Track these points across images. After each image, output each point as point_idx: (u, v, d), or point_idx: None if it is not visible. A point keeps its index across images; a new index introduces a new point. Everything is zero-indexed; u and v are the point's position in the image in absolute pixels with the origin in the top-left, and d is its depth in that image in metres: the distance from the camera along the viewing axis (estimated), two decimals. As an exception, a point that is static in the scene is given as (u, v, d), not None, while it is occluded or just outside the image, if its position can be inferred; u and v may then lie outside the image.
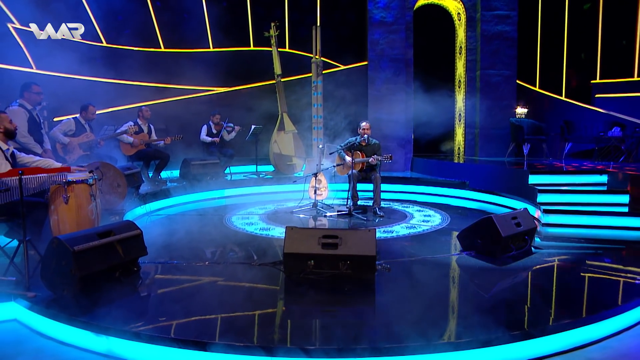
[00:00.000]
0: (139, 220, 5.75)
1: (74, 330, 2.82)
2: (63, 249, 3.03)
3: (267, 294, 3.36)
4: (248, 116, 9.24)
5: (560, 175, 6.31)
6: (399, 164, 9.34)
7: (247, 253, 4.41)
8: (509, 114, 8.97)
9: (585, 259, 4.18)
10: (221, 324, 2.81)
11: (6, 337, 3.00)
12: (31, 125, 4.81)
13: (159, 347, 2.58)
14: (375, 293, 3.34)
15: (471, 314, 2.95)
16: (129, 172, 5.55)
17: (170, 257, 4.15)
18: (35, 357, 2.77)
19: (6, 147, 3.83)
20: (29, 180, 3.38)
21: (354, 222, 5.76)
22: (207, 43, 9.78)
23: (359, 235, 3.47)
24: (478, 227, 4.15)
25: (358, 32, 9.34)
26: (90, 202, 3.84)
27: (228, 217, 6.04)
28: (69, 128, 5.84)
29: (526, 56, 9.78)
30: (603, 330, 2.86)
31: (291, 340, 2.51)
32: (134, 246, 3.51)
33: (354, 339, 2.53)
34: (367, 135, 6.31)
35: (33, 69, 7.72)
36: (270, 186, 8.11)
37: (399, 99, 9.16)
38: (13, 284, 3.35)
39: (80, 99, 7.31)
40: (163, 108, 9.18)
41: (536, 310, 2.96)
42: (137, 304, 3.14)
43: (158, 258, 4.06)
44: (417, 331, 2.63)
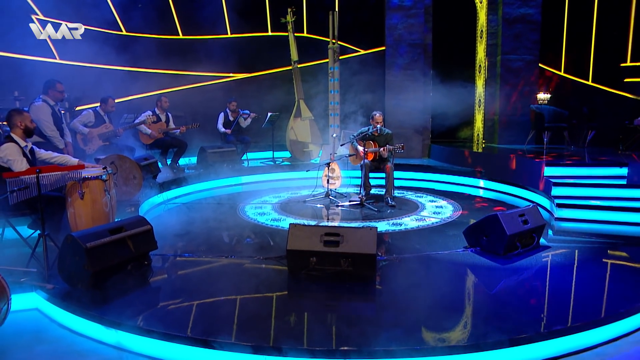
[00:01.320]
0: (155, 209, 5.96)
1: (87, 322, 3.01)
2: (77, 245, 3.20)
3: (270, 289, 3.47)
4: (265, 102, 9.31)
5: (577, 168, 6.15)
6: (416, 151, 9.28)
7: (256, 246, 4.53)
8: (530, 101, 8.73)
9: (594, 258, 4.13)
10: (222, 320, 2.93)
11: (27, 325, 3.22)
12: (54, 120, 5.02)
13: (163, 342, 2.73)
14: (374, 292, 3.42)
15: (465, 315, 2.99)
16: (145, 162, 5.73)
17: (180, 249, 4.32)
18: (53, 346, 2.97)
19: (24, 144, 4.02)
20: (46, 178, 3.57)
21: (366, 213, 5.81)
22: (224, 29, 9.82)
23: (360, 233, 3.52)
24: (483, 224, 4.14)
25: (377, 17, 9.19)
26: (105, 196, 4.01)
27: (241, 207, 6.17)
28: (88, 119, 6.05)
29: (550, 39, 9.43)
30: (595, 338, 2.86)
31: (278, 341, 2.61)
32: (145, 241, 3.67)
33: (345, 341, 2.62)
34: (379, 126, 6.31)
35: (56, 59, 7.95)
36: (286, 173, 8.21)
37: (416, 85, 9.03)
38: (34, 275, 3.57)
39: (100, 87, 7.54)
40: (181, 95, 9.33)
41: (526, 314, 2.96)
42: (143, 300, 3.29)
43: (168, 250, 4.23)
44: (409, 334, 2.70)
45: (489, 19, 8.93)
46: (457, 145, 9.33)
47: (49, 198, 3.92)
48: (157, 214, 5.82)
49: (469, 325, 2.87)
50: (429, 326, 2.81)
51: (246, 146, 8.56)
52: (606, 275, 3.68)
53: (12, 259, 3.83)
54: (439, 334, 2.70)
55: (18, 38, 7.52)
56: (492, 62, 9.00)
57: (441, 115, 9.38)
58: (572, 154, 7.62)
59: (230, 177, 7.68)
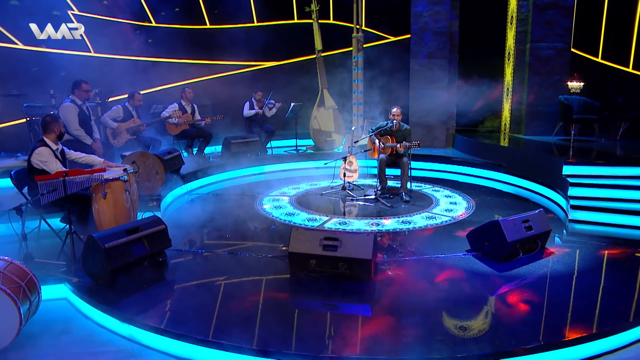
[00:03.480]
0: (178, 200, 6.32)
1: (105, 316, 3.36)
2: (97, 245, 3.54)
3: (272, 289, 3.71)
4: (290, 91, 9.46)
5: (598, 167, 5.96)
6: (440, 140, 9.22)
7: (266, 241, 4.78)
8: (560, 90, 8.43)
9: (597, 267, 4.10)
10: (222, 320, 3.20)
11: (57, 314, 3.62)
12: (81, 119, 5.39)
13: (168, 339, 3.05)
14: (366, 296, 3.60)
15: (449, 325, 3.13)
16: (169, 156, 6.05)
17: (194, 244, 4.66)
18: (76, 335, 3.33)
19: (56, 146, 4.39)
20: (72, 180, 3.93)
21: (379, 208, 5.95)
22: (251, 18, 9.94)
23: (358, 238, 3.69)
24: (486, 229, 4.20)
25: (405, 2, 9.03)
26: (125, 195, 4.35)
27: (260, 199, 6.44)
28: (117, 114, 6.42)
29: (587, 22, 8.98)
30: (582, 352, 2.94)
31: (260, 342, 2.86)
32: (159, 239, 3.99)
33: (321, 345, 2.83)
34: (396, 121, 6.35)
35: (91, 52, 8.36)
36: (307, 162, 8.38)
37: (441, 74, 8.90)
38: (64, 267, 3.97)
39: (131, 78, 7.94)
40: (208, 85, 9.62)
41: (508, 327, 3.04)
42: (152, 297, 3.58)
43: (184, 243, 4.58)
44: (391, 343, 2.88)
45: (519, 5, 8.60)
46: (483, 135, 9.19)
47: (76, 197, 4.30)
48: (179, 205, 6.18)
49: (448, 336, 3.00)
50: (408, 334, 2.97)
51: (270, 135, 8.78)
52: (599, 288, 3.64)
53: (47, 250, 4.27)
54: (418, 345, 2.86)
55: (57, 33, 7.96)
56: (521, 50, 8.71)
57: (467, 104, 9.23)
58: (600, 148, 7.38)
59: (252, 166, 7.95)
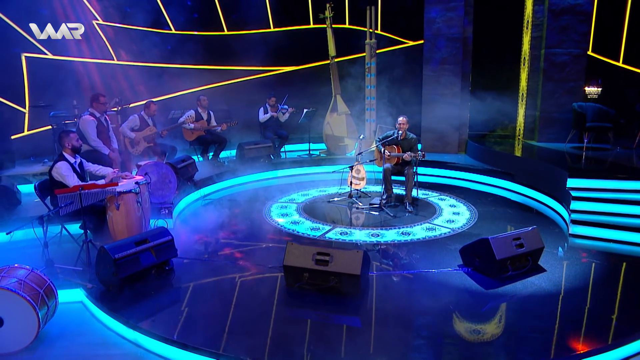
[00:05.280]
0: (191, 205, 6.65)
1: (113, 321, 3.69)
2: (107, 256, 3.87)
3: (267, 299, 3.97)
4: (305, 96, 9.68)
5: (605, 180, 5.93)
6: (452, 146, 9.26)
7: (268, 251, 5.03)
8: (575, 97, 8.34)
9: (584, 287, 4.13)
10: (214, 328, 3.48)
11: (73, 317, 3.97)
12: (99, 130, 5.77)
13: (167, 345, 3.34)
14: (353, 309, 3.81)
15: (427, 343, 3.30)
16: (182, 164, 6.38)
17: (199, 251, 5.00)
18: (88, 337, 3.67)
19: (74, 160, 4.75)
20: (87, 194, 4.28)
21: (382, 218, 6.11)
22: (267, 23, 10.18)
23: (347, 255, 3.90)
24: (476, 245, 4.32)
25: (420, 8, 9.07)
26: (137, 205, 4.68)
27: (268, 205, 6.70)
28: (134, 124, 6.79)
29: (608, 26, 8.80)
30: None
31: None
32: (166, 250, 4.29)
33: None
34: (401, 131, 6.48)
35: (114, 60, 8.78)
36: (319, 167, 8.60)
37: (454, 80, 8.92)
38: (80, 273, 4.33)
39: (151, 85, 8.34)
40: (226, 90, 9.93)
41: (484, 349, 3.19)
42: (156, 305, 3.88)
43: (189, 251, 4.94)
44: (371, 355, 3.08)
45: (534, 10, 8.52)
46: (496, 141, 9.17)
47: (93, 207, 4.65)
48: (191, 211, 6.51)
49: (428, 352, 3.18)
50: (388, 348, 3.17)
51: (284, 140, 9.04)
52: (584, 310, 3.71)
53: (68, 254, 4.63)
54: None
55: (83, 42, 8.39)
56: (536, 56, 8.63)
57: (481, 110, 9.22)
58: (613, 158, 7.29)
59: (265, 171, 8.23)
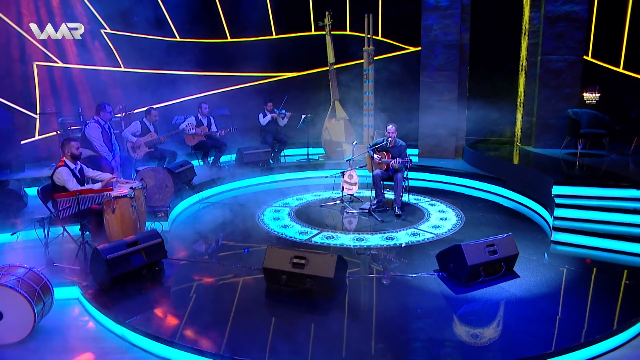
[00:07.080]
0: (188, 209, 6.95)
1: (104, 317, 3.98)
2: (100, 257, 4.17)
3: (247, 298, 4.22)
4: (304, 102, 9.92)
5: (591, 188, 6.01)
6: (449, 152, 9.39)
7: (256, 254, 5.27)
8: (571, 103, 8.40)
9: (555, 293, 4.27)
10: (197, 326, 3.73)
11: (68, 312, 4.28)
12: (104, 137, 6.10)
13: (149, 340, 3.61)
14: (326, 310, 4.03)
15: (388, 346, 3.50)
16: (180, 169, 6.68)
17: (189, 253, 5.27)
18: (81, 331, 3.98)
19: (74, 165, 5.08)
20: (85, 198, 4.59)
21: (370, 222, 6.32)
22: (270, 30, 10.45)
23: (322, 259, 4.12)
24: (450, 252, 4.50)
25: (419, 15, 9.23)
26: (132, 209, 4.98)
27: (262, 209, 6.95)
28: (136, 129, 7.13)
29: (608, 31, 8.83)
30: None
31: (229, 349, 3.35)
32: (156, 251, 4.58)
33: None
34: (391, 138, 6.68)
35: (121, 67, 9.15)
36: (316, 171, 8.83)
37: (451, 86, 9.05)
38: (77, 272, 4.64)
39: (156, 91, 8.68)
40: (228, 96, 10.24)
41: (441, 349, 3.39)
42: (143, 303, 4.16)
43: (180, 252, 5.22)
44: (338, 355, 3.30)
45: (531, 17, 8.61)
46: (493, 147, 9.27)
47: (91, 211, 4.97)
48: (188, 214, 6.80)
49: (395, 354, 3.38)
50: (358, 349, 3.38)
51: (283, 145, 9.30)
52: (556, 317, 3.79)
53: (67, 254, 4.98)
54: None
55: (92, 51, 8.78)
56: (532, 62, 8.72)
57: (478, 116, 9.33)
58: (606, 165, 7.35)
59: (263, 175, 8.49)
